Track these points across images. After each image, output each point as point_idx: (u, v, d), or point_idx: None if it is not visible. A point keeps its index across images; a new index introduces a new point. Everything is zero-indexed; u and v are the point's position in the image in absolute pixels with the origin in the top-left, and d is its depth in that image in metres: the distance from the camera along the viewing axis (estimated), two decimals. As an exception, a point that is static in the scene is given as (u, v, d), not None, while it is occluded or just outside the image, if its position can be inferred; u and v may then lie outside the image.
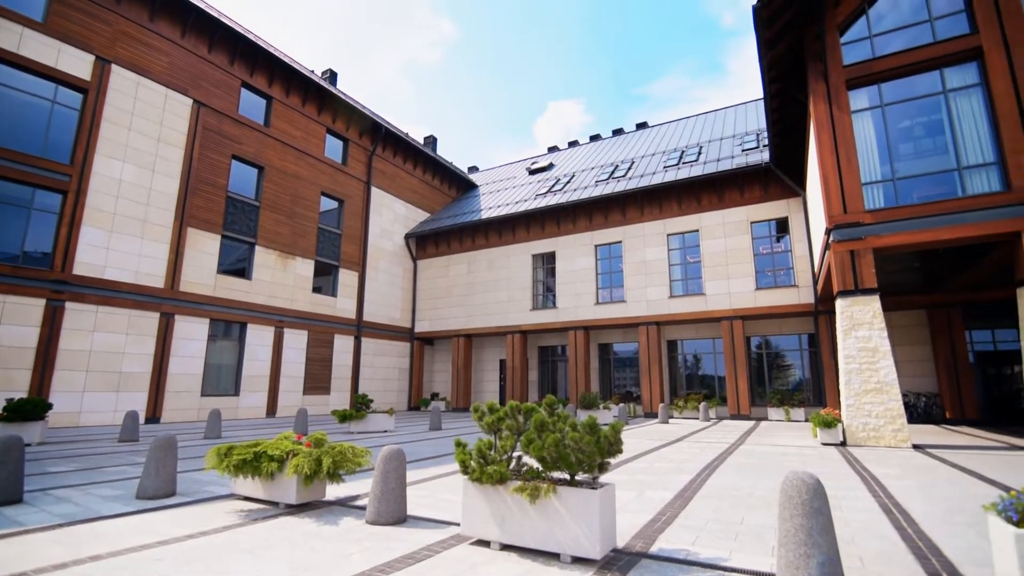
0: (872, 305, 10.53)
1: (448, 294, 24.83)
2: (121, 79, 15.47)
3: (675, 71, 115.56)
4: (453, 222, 24.92)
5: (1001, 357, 16.61)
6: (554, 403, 3.80)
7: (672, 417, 18.46)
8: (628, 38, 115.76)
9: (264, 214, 19.12)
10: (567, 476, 3.52)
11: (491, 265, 23.86)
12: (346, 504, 5.17)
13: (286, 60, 20.28)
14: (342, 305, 21.96)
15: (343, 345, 21.74)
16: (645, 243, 20.31)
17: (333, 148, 22.77)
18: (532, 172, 29.13)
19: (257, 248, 18.79)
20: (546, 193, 23.86)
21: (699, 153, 21.41)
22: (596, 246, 21.45)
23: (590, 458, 3.29)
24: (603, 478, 5.45)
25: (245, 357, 17.96)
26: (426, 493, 5.67)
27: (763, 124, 20.94)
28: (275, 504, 5.07)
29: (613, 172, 23.10)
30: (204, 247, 17.09)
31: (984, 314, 16.29)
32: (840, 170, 11.05)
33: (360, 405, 13.29)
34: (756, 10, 10.77)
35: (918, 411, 16.23)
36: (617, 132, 31.02)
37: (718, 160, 19.81)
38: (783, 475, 3.15)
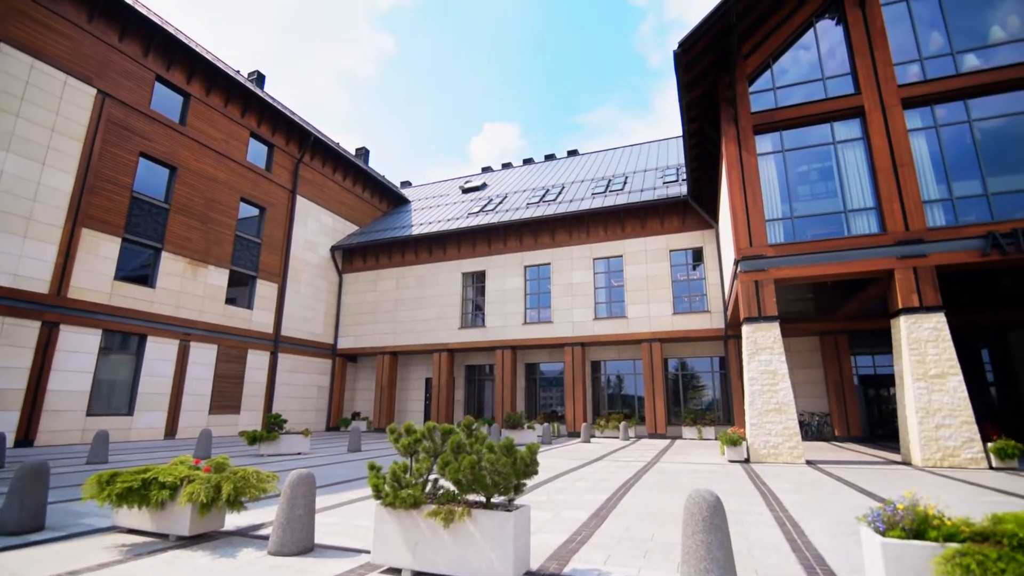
0: (773, 331, 11.46)
1: (375, 310, 24.14)
2: (11, 60, 13.90)
3: (607, 103, 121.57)
4: (383, 236, 24.41)
5: (880, 380, 18.57)
6: (472, 424, 3.78)
7: (594, 436, 18.90)
8: (565, 69, 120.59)
9: (174, 218, 17.73)
10: (483, 499, 3.50)
11: (420, 282, 23.54)
12: (247, 534, 4.81)
13: (208, 57, 19.17)
14: (259, 318, 20.69)
15: (257, 361, 20.42)
16: (572, 266, 20.92)
17: (257, 153, 21.67)
18: (465, 191, 29.27)
19: (164, 254, 17.34)
20: (478, 212, 24.02)
21: (625, 183, 22.52)
22: (526, 267, 21.80)
23: (506, 480, 3.29)
24: (520, 499, 5.47)
25: (143, 373, 16.37)
26: (337, 520, 5.40)
27: (683, 159, 22.42)
28: (165, 537, 4.61)
29: (544, 196, 23.72)
30: (100, 250, 15.53)
31: (866, 341, 18.18)
32: (747, 207, 12.04)
33: (272, 425, 12.49)
34: (677, 55, 11.63)
35: (812, 429, 17.71)
36: (549, 157, 31.99)
37: (641, 191, 20.93)
38: (715, 492, 3.32)
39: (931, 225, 10.92)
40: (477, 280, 22.90)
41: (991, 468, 9.63)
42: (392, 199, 30.44)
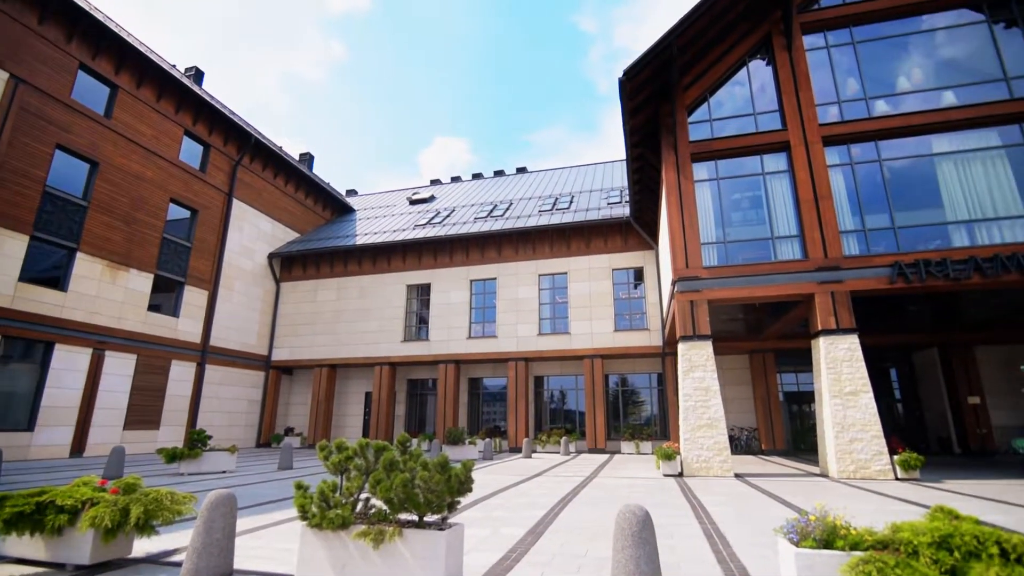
0: (707, 349, 11.98)
1: (313, 321, 23.27)
2: (-96, 35, 12.55)
3: (557, 124, 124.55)
4: (325, 244, 23.68)
5: (802, 396, 19.79)
6: (407, 441, 3.69)
7: (536, 451, 18.95)
8: (517, 88, 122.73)
9: (93, 216, 16.44)
10: (416, 517, 3.41)
11: (363, 293, 22.96)
12: (158, 561, 4.44)
13: (139, 47, 18.09)
14: (185, 327, 19.43)
15: (182, 372, 19.11)
16: (518, 281, 21.09)
17: (191, 152, 20.54)
18: (413, 202, 28.99)
19: (79, 255, 16.00)
20: (425, 224, 23.83)
21: (571, 202, 23.06)
22: (471, 281, 21.77)
23: (440, 498, 3.23)
24: (456, 517, 5.37)
25: (48, 384, 14.92)
26: (260, 543, 5.09)
27: (627, 182, 23.27)
28: (61, 567, 4.18)
29: (492, 211, 23.87)
30: (4, 248, 14.13)
31: (791, 360, 19.36)
32: (684, 230, 12.62)
33: (195, 442, 11.68)
34: (622, 83, 12.13)
35: (741, 443, 18.57)
36: (499, 173, 32.31)
37: (587, 210, 21.50)
38: (644, 506, 3.37)
39: (847, 254, 11.85)
40: (422, 293, 22.61)
41: (897, 479, 10.42)
42: (336, 207, 29.67)
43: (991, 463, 13.69)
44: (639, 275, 20.15)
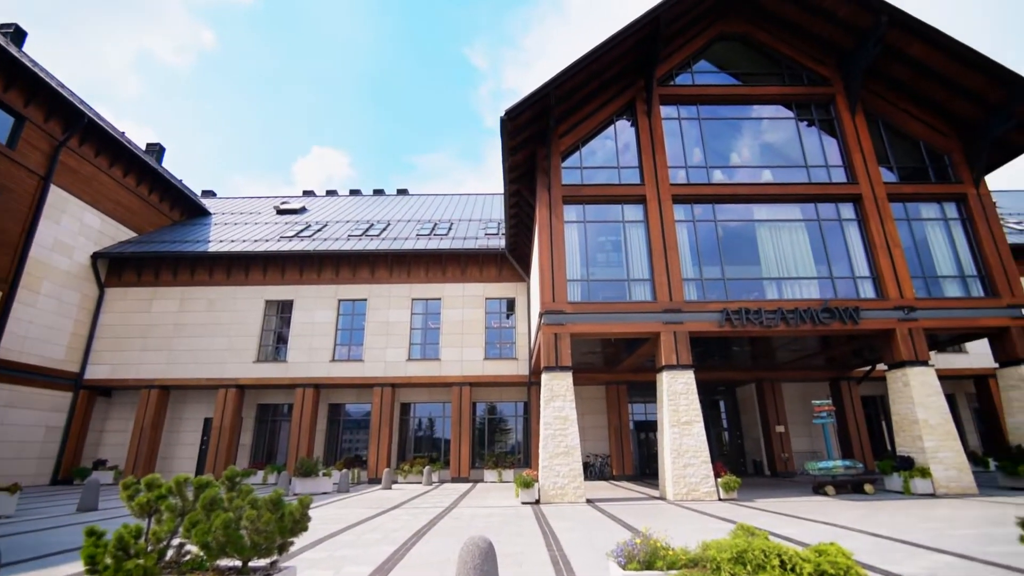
0: (567, 380, 12.64)
1: (146, 334, 20.24)
2: None
3: (443, 149, 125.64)
4: (170, 248, 20.92)
5: (649, 425, 21.67)
6: (236, 476, 3.33)
7: (396, 482, 18.22)
8: (406, 110, 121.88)
9: None
10: (239, 563, 3.05)
11: (212, 306, 20.59)
12: None
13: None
14: (-38, 335, 15.67)
15: (-50, 392, 15.29)
16: (390, 304, 20.53)
17: (-2, 124, 17.06)
18: (281, 212, 27.03)
19: None
20: (293, 237, 22.29)
21: (450, 228, 23.24)
22: (340, 300, 20.70)
23: (269, 539, 2.94)
24: (294, 560, 4.94)
25: None
26: (36, 605, 4.17)
27: (504, 215, 24.13)
28: None
29: (368, 230, 23.13)
30: None
31: (641, 391, 21.17)
32: (553, 267, 13.37)
33: (-42, 481, 9.32)
34: (503, 122, 12.70)
35: (595, 470, 19.69)
36: (378, 192, 31.56)
37: (465, 238, 21.81)
38: (488, 537, 3.36)
39: (687, 299, 13.43)
40: (283, 310, 20.92)
41: (720, 499, 11.78)
42: (188, 208, 26.52)
43: (792, 483, 16.11)
44: (511, 306, 20.79)
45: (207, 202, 29.54)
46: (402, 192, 31.48)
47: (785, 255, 14.11)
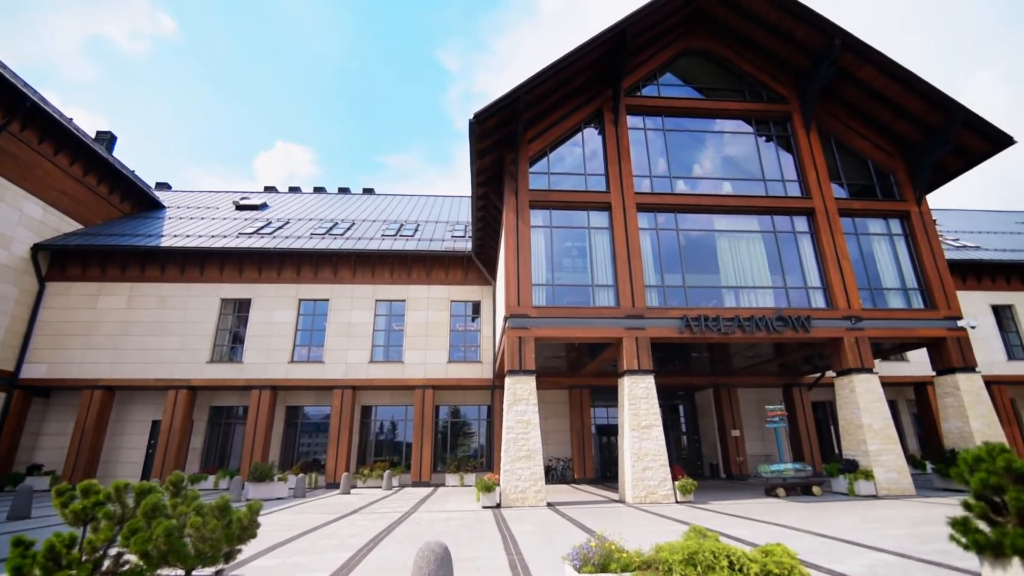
0: (530, 384, 12.69)
1: (91, 332, 19.19)
2: None
3: (412, 150, 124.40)
4: (119, 242, 19.92)
5: (611, 429, 21.96)
6: (182, 481, 3.19)
7: (356, 487, 17.85)
8: (374, 108, 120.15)
9: None
10: (182, 573, 2.93)
11: (164, 303, 19.72)
12: None
13: None
14: None
15: None
16: (353, 305, 20.16)
17: (-73, 104, 15.88)
18: (241, 207, 26.17)
19: None
20: (252, 234, 21.60)
21: (416, 230, 23.02)
22: (300, 300, 20.18)
23: (215, 547, 2.83)
24: (245, 568, 4.77)
25: None
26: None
27: (471, 218, 24.10)
28: None
29: (331, 229, 22.67)
30: None
31: (603, 395, 21.45)
32: (518, 270, 13.42)
33: None
34: (472, 125, 12.69)
35: (556, 473, 19.81)
36: (344, 190, 30.99)
37: (431, 240, 21.65)
38: (444, 542, 3.32)
39: (649, 305, 13.72)
40: (240, 309, 20.23)
41: (677, 502, 12.04)
42: (141, 201, 25.34)
43: (746, 485, 16.63)
44: (476, 309, 20.73)
45: (161, 195, 28.32)
46: (368, 192, 30.99)
47: (743, 265, 14.60)
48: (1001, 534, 3.70)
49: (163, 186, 30.95)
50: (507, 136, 14.36)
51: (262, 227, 22.48)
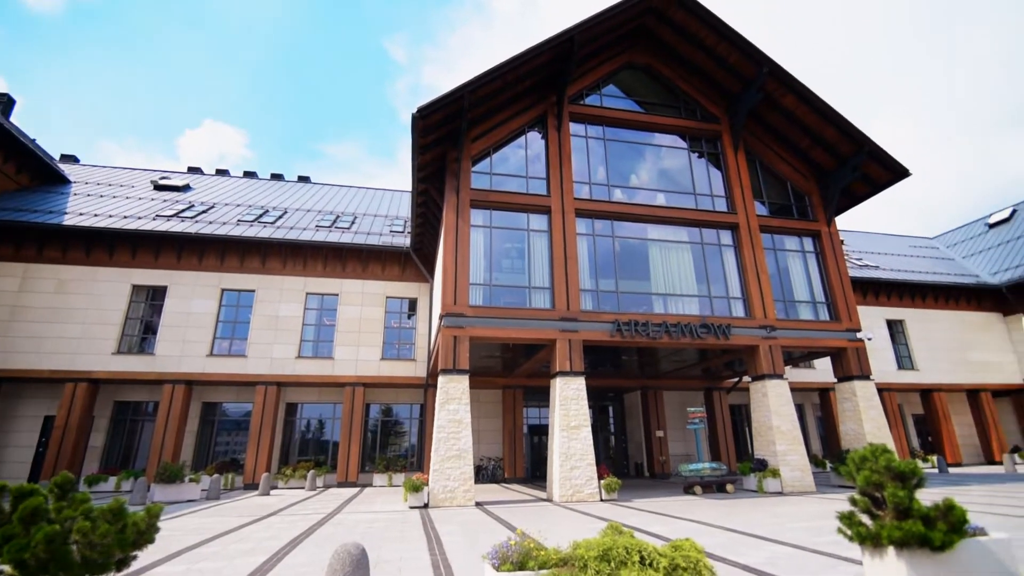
0: (463, 383, 12.65)
1: (-28, 316, 17.12)
2: None
3: (354, 140, 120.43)
4: (11, 217, 17.90)
5: (542, 429, 22.32)
6: (69, 482, 2.91)
7: (276, 487, 17.06)
8: (315, 93, 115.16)
9: None
10: (65, 582, 2.67)
11: (64, 287, 17.95)
12: None
13: None
14: None
15: None
16: (282, 297, 19.25)
17: None
18: (160, 187, 24.29)
19: None
20: (172, 216, 20.12)
21: (353, 222, 22.33)
22: (223, 290, 19.02)
23: (106, 554, 2.60)
24: None
25: None
26: None
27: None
28: None
29: (261, 216, 21.54)
30: None
31: (536, 396, 21.76)
32: (456, 269, 13.35)
33: None
34: (415, 118, 12.49)
35: (487, 473, 19.86)
36: (277, 177, 29.54)
37: (368, 233, 21.08)
38: (362, 544, 3.23)
39: (584, 308, 14.07)
40: (154, 297, 18.77)
41: (602, 500, 12.41)
42: (42, 173, 22.89)
43: (667, 484, 17.42)
44: (413, 306, 20.41)
45: (67, 168, 25.73)
46: (304, 180, 29.69)
47: (672, 273, 15.31)
48: (880, 526, 4.10)
49: (70, 159, 28.12)
50: (451, 133, 14.25)
51: (183, 210, 20.98)
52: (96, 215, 19.34)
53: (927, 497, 4.68)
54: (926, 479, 4.27)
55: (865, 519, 4.35)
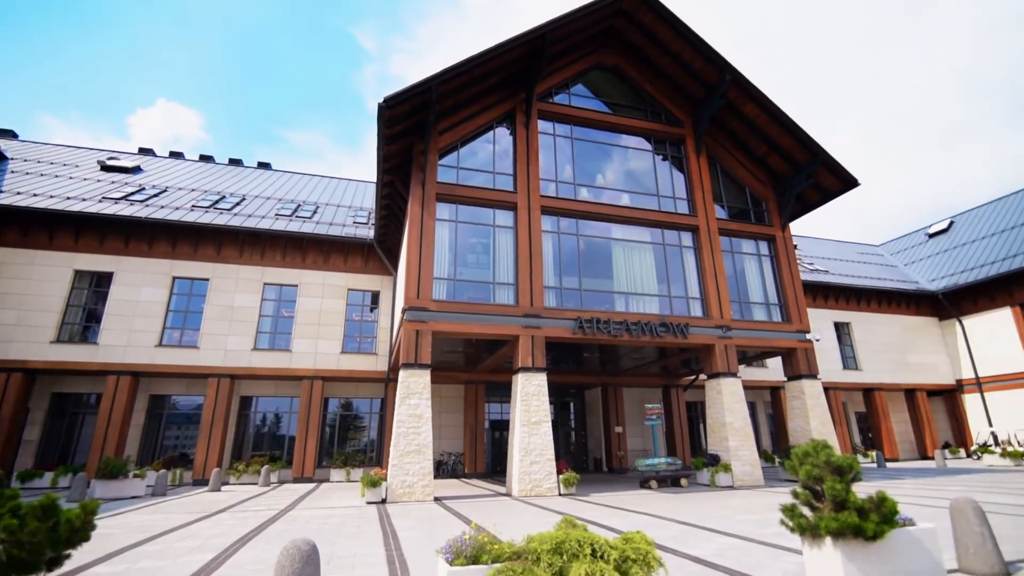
0: (424, 378, 12.56)
1: None
2: None
3: (319, 128, 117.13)
4: (-62, 196, 16.62)
5: (503, 424, 22.40)
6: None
7: (228, 483, 16.53)
8: (278, 76, 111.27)
9: None
10: (-12, 584, 2.52)
11: (-2, 271, 16.81)
12: None
13: None
14: None
15: None
16: (237, 287, 18.60)
17: None
18: (107, 168, 23.04)
19: None
20: (120, 199, 19.11)
21: (315, 212, 21.78)
22: (175, 278, 18.22)
23: (35, 554, 2.46)
24: None
25: None
26: None
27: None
28: None
29: (218, 202, 20.74)
30: None
31: (498, 392, 21.81)
32: (420, 263, 13.22)
33: None
34: (381, 108, 12.26)
35: (448, 467, 19.80)
36: (235, 162, 28.46)
37: (331, 224, 20.60)
38: (315, 540, 3.15)
39: (547, 305, 14.18)
40: (98, 284, 17.80)
41: (560, 495, 12.57)
42: (-26, 148, 21.35)
43: (625, 478, 17.80)
44: (375, 299, 20.09)
45: (4, 143, 24.04)
46: (264, 166, 28.71)
47: (634, 273, 15.61)
48: (819, 518, 4.31)
49: (7, 133, 26.28)
50: (418, 125, 14.07)
51: (133, 193, 19.96)
52: (36, 195, 18.17)
53: (864, 490, 4.96)
54: (863, 473, 4.52)
55: (806, 511, 4.57)
